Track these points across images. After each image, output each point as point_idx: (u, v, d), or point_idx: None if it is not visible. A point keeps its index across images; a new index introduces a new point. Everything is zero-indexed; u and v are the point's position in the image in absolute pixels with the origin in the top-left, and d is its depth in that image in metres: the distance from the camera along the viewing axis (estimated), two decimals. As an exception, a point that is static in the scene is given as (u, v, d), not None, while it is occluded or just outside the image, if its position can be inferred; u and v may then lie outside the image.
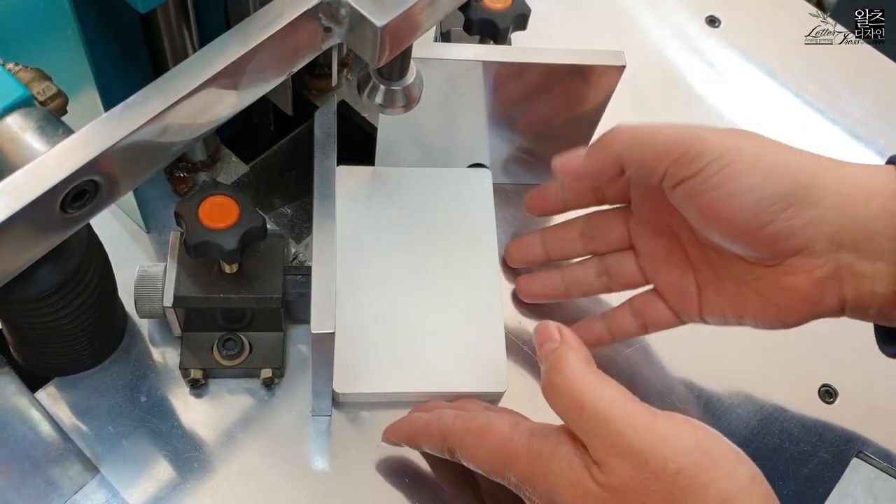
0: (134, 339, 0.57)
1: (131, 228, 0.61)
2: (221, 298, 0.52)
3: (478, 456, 0.46)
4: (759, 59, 0.78)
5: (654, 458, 0.39)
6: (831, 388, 0.61)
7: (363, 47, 0.42)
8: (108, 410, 0.55)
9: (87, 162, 0.37)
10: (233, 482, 0.53)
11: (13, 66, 0.43)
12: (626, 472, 0.40)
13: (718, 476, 0.39)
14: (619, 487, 0.40)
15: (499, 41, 0.62)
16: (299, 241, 0.62)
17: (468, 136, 0.62)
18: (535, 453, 0.43)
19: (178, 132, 0.41)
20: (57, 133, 0.41)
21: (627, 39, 0.78)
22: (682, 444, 0.40)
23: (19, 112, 0.41)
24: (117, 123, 0.38)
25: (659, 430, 0.40)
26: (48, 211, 0.38)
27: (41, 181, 0.37)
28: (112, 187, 0.40)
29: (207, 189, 0.51)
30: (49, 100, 0.43)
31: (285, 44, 0.42)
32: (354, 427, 0.56)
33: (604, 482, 0.40)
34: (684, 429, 0.41)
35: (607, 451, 0.40)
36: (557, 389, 0.43)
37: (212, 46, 0.41)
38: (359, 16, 0.41)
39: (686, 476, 0.39)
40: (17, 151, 0.40)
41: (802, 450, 0.58)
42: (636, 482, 0.39)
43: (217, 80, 0.41)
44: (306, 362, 0.57)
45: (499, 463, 0.45)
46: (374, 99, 0.49)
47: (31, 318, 0.49)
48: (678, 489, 0.39)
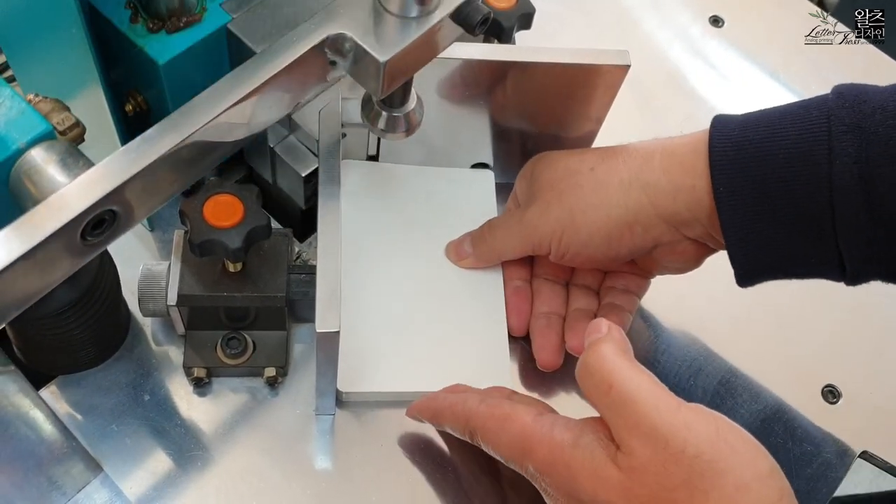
0: (137, 338, 0.57)
1: (135, 227, 0.60)
2: (225, 297, 0.52)
3: (499, 442, 0.47)
4: (762, 59, 0.78)
5: (674, 441, 0.40)
6: (835, 388, 0.61)
7: (366, 80, 0.45)
8: (112, 409, 0.54)
9: (107, 194, 0.39)
10: (236, 481, 0.53)
11: (33, 98, 0.45)
12: (645, 452, 0.41)
13: (736, 464, 0.40)
14: (639, 468, 0.41)
15: (503, 40, 0.62)
16: (303, 240, 0.62)
17: (471, 136, 0.62)
18: (556, 443, 0.44)
19: (192, 163, 0.43)
20: (77, 165, 0.43)
21: (631, 39, 0.78)
22: (704, 430, 0.41)
23: (42, 145, 0.43)
24: (134, 157, 0.40)
25: (682, 416, 0.41)
26: (70, 239, 0.40)
27: (63, 212, 0.39)
28: (129, 215, 0.42)
29: (212, 188, 0.51)
30: (68, 129, 0.45)
31: (293, 77, 0.44)
32: (358, 426, 0.56)
33: (624, 465, 0.41)
34: (706, 417, 0.41)
35: (630, 431, 0.41)
36: (590, 369, 0.44)
37: (224, 81, 0.43)
38: (362, 51, 0.43)
39: (704, 461, 0.40)
40: (41, 183, 0.42)
41: (806, 450, 0.58)
42: (655, 464, 0.40)
43: (229, 114, 0.42)
44: (310, 361, 0.57)
45: (518, 451, 0.46)
46: (376, 125, 0.51)
47: (44, 330, 0.50)
48: (695, 473, 0.40)
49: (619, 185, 0.52)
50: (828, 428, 0.60)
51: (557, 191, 0.54)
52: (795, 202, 0.47)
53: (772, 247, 0.49)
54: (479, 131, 0.62)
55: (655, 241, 0.53)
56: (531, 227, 0.55)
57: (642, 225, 0.52)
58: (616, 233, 0.52)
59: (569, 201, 0.53)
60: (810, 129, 0.47)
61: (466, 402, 0.49)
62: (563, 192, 0.54)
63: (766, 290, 0.64)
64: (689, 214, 0.50)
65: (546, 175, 0.55)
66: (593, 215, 0.53)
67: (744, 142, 0.48)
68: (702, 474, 0.40)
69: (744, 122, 0.50)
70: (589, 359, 0.44)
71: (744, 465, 0.40)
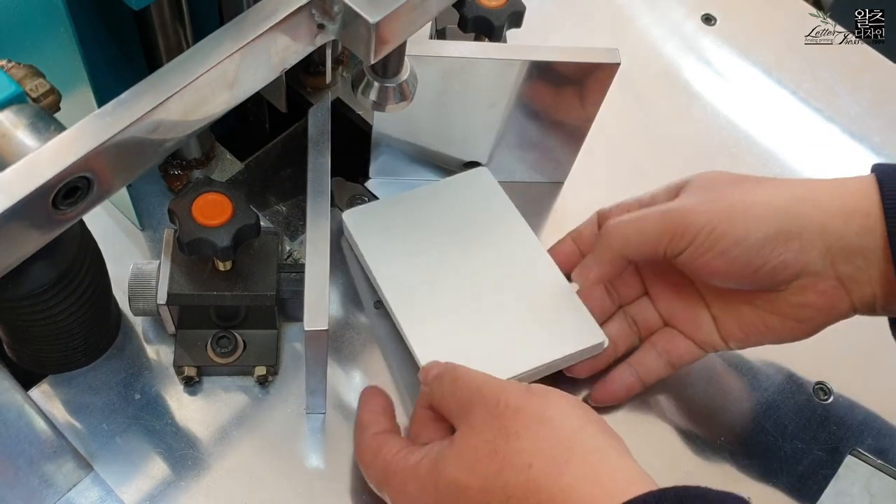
0: (128, 337, 0.57)
1: (125, 225, 0.61)
2: (215, 296, 0.52)
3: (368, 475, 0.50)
4: (755, 56, 0.78)
5: (491, 399, 0.45)
6: (826, 385, 0.61)
7: (357, 44, 0.42)
8: (102, 408, 0.54)
9: (79, 158, 0.37)
10: (227, 480, 0.53)
11: (6, 63, 0.43)
12: (475, 417, 0.45)
13: (538, 405, 0.45)
14: (467, 434, 0.45)
15: (494, 38, 0.62)
16: (294, 239, 0.62)
17: (463, 134, 0.62)
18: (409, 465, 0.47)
19: (171, 129, 0.41)
20: (49, 130, 0.40)
21: (624, 37, 0.78)
22: (516, 389, 0.46)
23: (11, 109, 0.41)
24: (109, 120, 0.38)
25: (501, 384, 0.47)
26: (40, 207, 0.38)
27: (33, 178, 0.37)
28: (104, 184, 0.40)
29: (201, 186, 0.51)
30: (42, 96, 0.43)
31: (278, 40, 0.42)
32: (349, 424, 0.56)
33: (456, 441, 0.45)
34: (521, 384, 0.47)
35: (464, 407, 0.46)
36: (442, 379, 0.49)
37: (205, 42, 0.41)
38: (352, 12, 0.41)
39: (513, 408, 0.44)
40: (9, 148, 0.40)
41: (797, 447, 0.58)
42: (479, 422, 0.45)
43: (210, 76, 0.40)
44: (300, 360, 0.57)
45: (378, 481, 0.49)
46: (368, 96, 0.49)
47: (25, 315, 0.49)
48: (508, 420, 0.44)
49: (790, 197, 0.50)
50: (818, 425, 0.60)
51: (718, 189, 0.52)
52: None
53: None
54: (470, 129, 0.62)
55: (804, 268, 0.49)
56: (682, 212, 0.51)
57: (802, 241, 0.49)
58: (772, 241, 0.49)
59: (731, 196, 0.51)
60: None
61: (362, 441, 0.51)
62: (727, 189, 0.51)
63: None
64: (858, 241, 0.48)
65: (706, 179, 0.53)
66: (757, 212, 0.50)
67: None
68: (513, 418, 0.44)
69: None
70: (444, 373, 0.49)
71: (546, 404, 0.45)
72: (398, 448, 0.48)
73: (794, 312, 0.52)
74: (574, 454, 0.42)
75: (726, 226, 0.50)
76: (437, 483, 0.45)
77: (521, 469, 0.42)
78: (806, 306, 0.51)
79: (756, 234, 0.49)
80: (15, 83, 0.41)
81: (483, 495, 0.43)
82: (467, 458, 0.44)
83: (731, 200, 0.51)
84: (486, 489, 0.43)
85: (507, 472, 0.43)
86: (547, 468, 0.42)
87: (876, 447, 0.59)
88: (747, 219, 0.50)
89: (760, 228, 0.49)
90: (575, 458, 0.42)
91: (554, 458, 0.42)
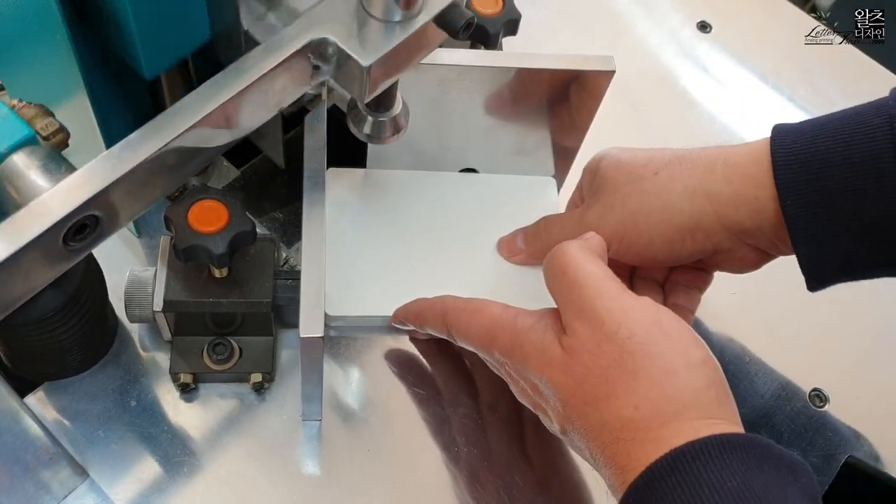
0: (124, 344, 0.57)
1: (122, 233, 0.61)
2: (211, 303, 0.53)
3: (470, 331, 0.51)
4: (751, 63, 0.79)
5: (609, 322, 0.44)
6: (822, 392, 0.61)
7: (350, 84, 0.45)
8: (98, 414, 0.55)
9: (88, 198, 0.39)
10: (223, 486, 0.53)
11: (17, 103, 0.45)
12: (584, 332, 0.45)
13: (667, 350, 0.43)
14: (577, 347, 0.45)
15: (489, 46, 0.62)
16: (290, 246, 0.62)
17: (458, 141, 0.62)
18: (517, 328, 0.48)
19: (175, 168, 0.43)
20: (60, 171, 0.42)
21: (619, 45, 0.78)
22: (640, 316, 0.45)
23: (24, 150, 0.43)
24: (116, 162, 0.40)
25: (622, 301, 0.45)
26: (52, 245, 0.40)
27: (45, 218, 0.39)
28: (112, 220, 0.42)
29: (197, 193, 0.51)
30: (51, 135, 0.45)
31: (276, 81, 0.44)
32: (344, 431, 0.56)
33: (566, 344, 0.45)
34: (647, 305, 0.45)
35: (575, 314, 0.46)
36: (552, 260, 0.48)
37: (207, 86, 0.43)
38: (345, 55, 0.43)
39: (635, 342, 0.43)
40: (23, 188, 0.42)
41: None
42: (591, 342, 0.44)
43: (212, 118, 0.42)
44: (296, 367, 0.57)
45: (487, 338, 0.50)
46: (361, 130, 0.51)
47: (30, 337, 0.50)
48: (626, 353, 0.43)
49: (682, 191, 0.52)
50: (814, 432, 0.60)
51: (621, 194, 0.54)
52: (864, 211, 0.47)
53: (841, 254, 0.49)
54: (466, 137, 0.62)
55: (716, 248, 0.53)
56: (592, 228, 0.54)
57: (704, 231, 0.52)
58: (678, 238, 0.52)
59: (632, 205, 0.53)
60: (873, 135, 0.47)
61: (444, 301, 0.53)
62: (627, 196, 0.54)
63: (752, 296, 0.64)
64: (752, 224, 0.51)
65: (610, 176, 0.55)
66: (656, 218, 0.53)
67: (807, 154, 0.48)
68: (633, 354, 0.43)
69: (804, 132, 0.50)
70: (556, 251, 0.48)
71: (675, 351, 0.43)
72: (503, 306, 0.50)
73: (730, 268, 0.55)
74: (683, 415, 0.42)
75: (632, 235, 0.53)
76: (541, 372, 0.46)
77: (626, 405, 0.43)
78: (735, 263, 0.54)
79: (660, 238, 0.53)
80: (26, 125, 0.43)
81: (582, 408, 0.44)
82: (576, 374, 0.45)
83: (632, 207, 0.53)
84: (586, 404, 0.44)
85: (612, 402, 0.43)
86: (651, 418, 0.42)
87: (871, 454, 0.59)
88: (649, 226, 0.53)
89: (663, 233, 0.53)
90: (682, 418, 0.42)
91: (663, 412, 0.42)
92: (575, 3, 0.80)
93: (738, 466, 0.40)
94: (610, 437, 0.43)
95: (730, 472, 0.39)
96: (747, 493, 0.39)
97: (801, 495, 0.40)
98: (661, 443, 0.41)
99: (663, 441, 0.41)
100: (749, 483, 0.39)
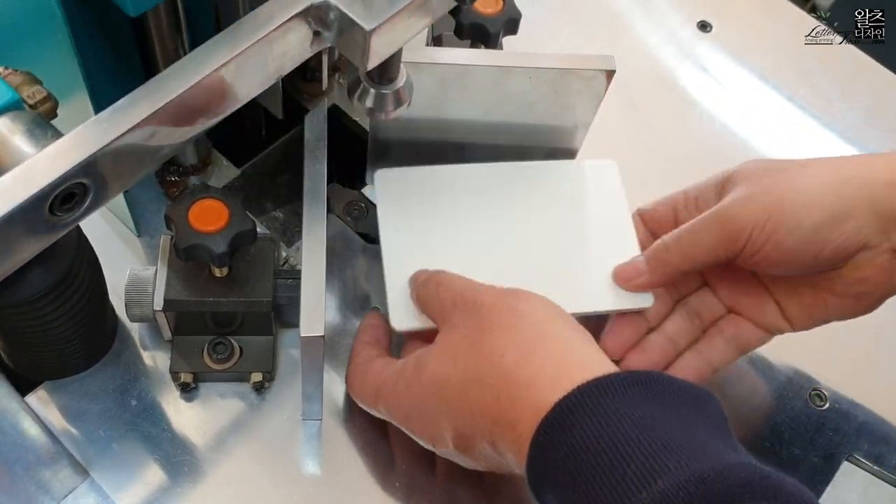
0: (124, 343, 0.57)
1: (122, 232, 0.61)
2: (211, 302, 0.53)
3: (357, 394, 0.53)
4: (751, 63, 0.78)
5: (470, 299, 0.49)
6: (822, 391, 0.61)
7: (352, 51, 0.43)
8: (99, 414, 0.55)
9: (76, 165, 0.38)
10: (223, 486, 0.53)
11: (3, 70, 0.43)
12: (455, 316, 0.49)
13: (510, 301, 0.48)
14: (450, 331, 0.49)
15: (489, 45, 0.62)
16: (290, 245, 0.62)
17: (459, 141, 0.62)
18: (395, 370, 0.51)
19: (168, 136, 0.41)
20: (46, 136, 0.41)
21: (619, 45, 0.78)
22: (492, 291, 0.49)
23: (8, 115, 0.41)
24: (106, 127, 0.39)
25: (479, 285, 0.50)
26: (37, 214, 0.38)
27: (30, 184, 0.37)
28: (101, 190, 0.40)
29: (197, 192, 0.51)
30: (39, 103, 0.43)
31: (274, 47, 0.43)
32: (345, 431, 0.56)
33: (441, 339, 0.49)
34: (498, 287, 0.49)
35: (449, 307, 0.50)
36: (428, 287, 0.52)
37: (201, 50, 0.41)
38: (348, 20, 0.41)
39: (487, 306, 0.48)
40: (6, 154, 0.40)
41: (793, 453, 0.58)
42: (460, 320, 0.48)
43: (207, 83, 0.41)
44: (297, 366, 0.57)
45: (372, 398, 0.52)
46: (364, 102, 0.49)
47: (22, 321, 0.49)
48: (483, 317, 0.48)
49: (835, 177, 0.50)
50: (815, 432, 0.60)
51: (764, 184, 0.51)
52: None
53: None
54: (466, 135, 0.62)
55: (864, 244, 0.50)
56: (731, 214, 0.51)
57: (856, 221, 0.49)
58: (826, 225, 0.49)
59: (777, 188, 0.51)
60: None
61: None
62: (773, 185, 0.51)
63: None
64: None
65: (749, 172, 0.53)
66: (805, 201, 0.50)
67: None
68: (488, 314, 0.48)
69: None
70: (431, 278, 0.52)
71: (517, 300, 0.48)
72: (384, 363, 0.52)
73: (852, 290, 0.52)
74: (541, 343, 0.46)
75: (777, 219, 0.50)
76: (422, 379, 0.48)
77: (494, 358, 0.46)
78: (863, 281, 0.51)
79: (808, 221, 0.49)
80: (11, 90, 0.42)
81: (462, 385, 0.46)
82: (448, 353, 0.48)
83: (779, 192, 0.51)
84: (465, 379, 0.46)
85: (483, 362, 0.46)
86: (517, 356, 0.45)
87: (872, 453, 0.59)
88: (797, 208, 0.50)
89: (812, 215, 0.49)
90: (542, 346, 0.45)
91: (523, 346, 0.46)
92: (575, 3, 0.80)
93: (643, 398, 0.41)
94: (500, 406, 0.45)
95: (636, 403, 0.41)
96: (652, 421, 0.40)
97: (708, 422, 0.42)
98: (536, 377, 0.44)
99: (537, 374, 0.44)
100: (654, 413, 0.41)
